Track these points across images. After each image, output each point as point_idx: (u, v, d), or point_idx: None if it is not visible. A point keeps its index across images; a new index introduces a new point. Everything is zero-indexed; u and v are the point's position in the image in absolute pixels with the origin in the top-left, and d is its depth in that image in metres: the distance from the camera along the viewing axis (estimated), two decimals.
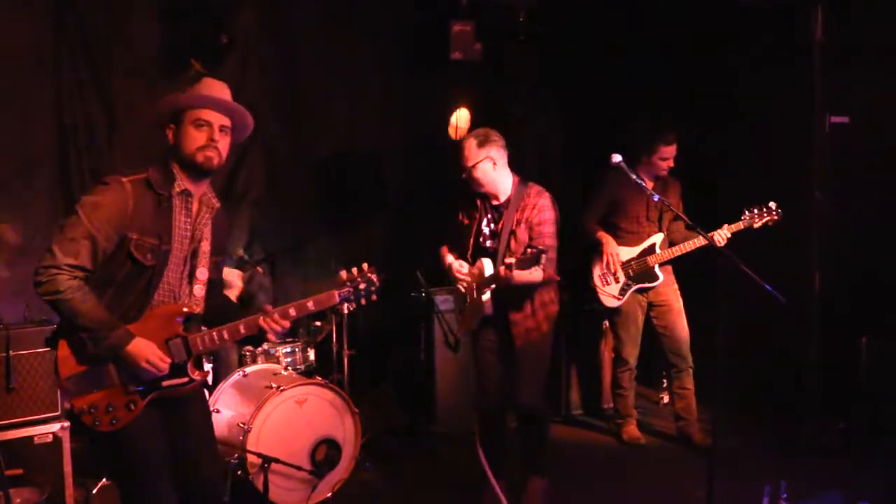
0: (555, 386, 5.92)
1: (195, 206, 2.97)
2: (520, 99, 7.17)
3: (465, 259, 4.22)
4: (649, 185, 5.14)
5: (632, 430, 5.50)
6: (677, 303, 5.29)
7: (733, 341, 4.91)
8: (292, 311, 3.01)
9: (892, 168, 5.26)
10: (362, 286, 3.04)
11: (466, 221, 4.22)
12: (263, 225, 6.22)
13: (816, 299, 5.24)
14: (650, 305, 5.33)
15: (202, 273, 2.99)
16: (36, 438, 3.94)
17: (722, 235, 4.84)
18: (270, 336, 3.02)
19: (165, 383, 2.91)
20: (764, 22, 5.59)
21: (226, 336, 2.97)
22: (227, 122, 2.96)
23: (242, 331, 2.98)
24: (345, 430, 4.47)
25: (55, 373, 2.85)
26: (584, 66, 6.75)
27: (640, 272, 5.20)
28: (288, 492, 4.25)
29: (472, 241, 4.18)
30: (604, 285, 5.26)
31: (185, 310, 2.95)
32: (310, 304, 3.03)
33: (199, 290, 3.00)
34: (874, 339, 5.33)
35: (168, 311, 2.92)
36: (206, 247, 3.00)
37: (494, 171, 4.00)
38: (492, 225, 4.12)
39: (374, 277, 3.06)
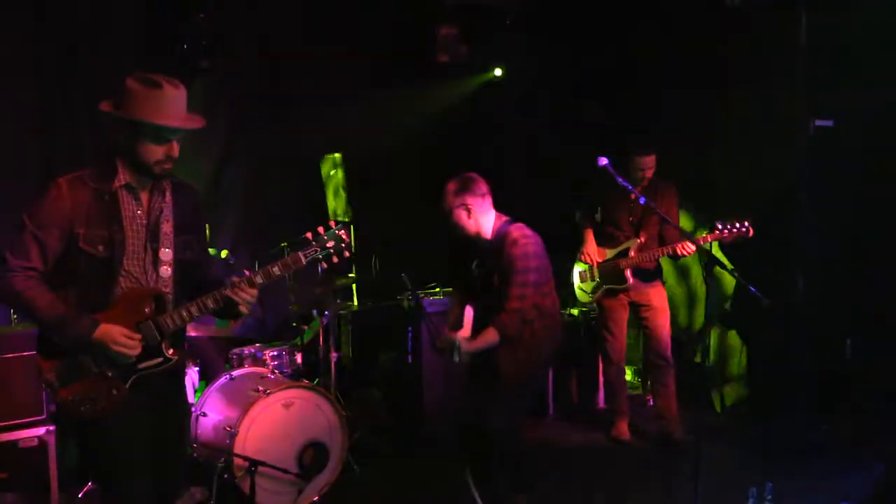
0: (553, 385, 6.00)
1: (145, 195, 2.96)
2: (507, 101, 7.18)
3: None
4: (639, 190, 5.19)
5: (618, 428, 5.51)
6: (659, 302, 5.37)
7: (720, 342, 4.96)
8: (258, 279, 3.01)
9: (875, 171, 5.30)
10: (330, 244, 3.07)
11: (466, 262, 4.20)
12: (250, 228, 6.20)
13: (801, 300, 5.26)
14: (635, 305, 5.42)
15: (165, 254, 2.96)
16: (21, 442, 3.92)
17: (688, 248, 4.94)
18: (242, 307, 2.99)
19: (141, 365, 2.89)
20: (748, 24, 5.63)
21: (194, 311, 2.95)
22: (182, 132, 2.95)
23: (210, 304, 2.96)
24: (332, 433, 4.47)
25: (37, 370, 2.88)
26: (573, 67, 6.77)
27: (609, 274, 5.35)
28: (275, 495, 4.24)
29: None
30: (581, 281, 5.53)
31: (151, 291, 2.93)
32: (275, 269, 3.04)
33: (165, 270, 2.96)
34: (858, 341, 5.36)
35: (134, 295, 2.90)
36: (167, 228, 2.97)
37: (469, 220, 4.00)
38: (476, 269, 4.14)
39: (342, 234, 3.08)
